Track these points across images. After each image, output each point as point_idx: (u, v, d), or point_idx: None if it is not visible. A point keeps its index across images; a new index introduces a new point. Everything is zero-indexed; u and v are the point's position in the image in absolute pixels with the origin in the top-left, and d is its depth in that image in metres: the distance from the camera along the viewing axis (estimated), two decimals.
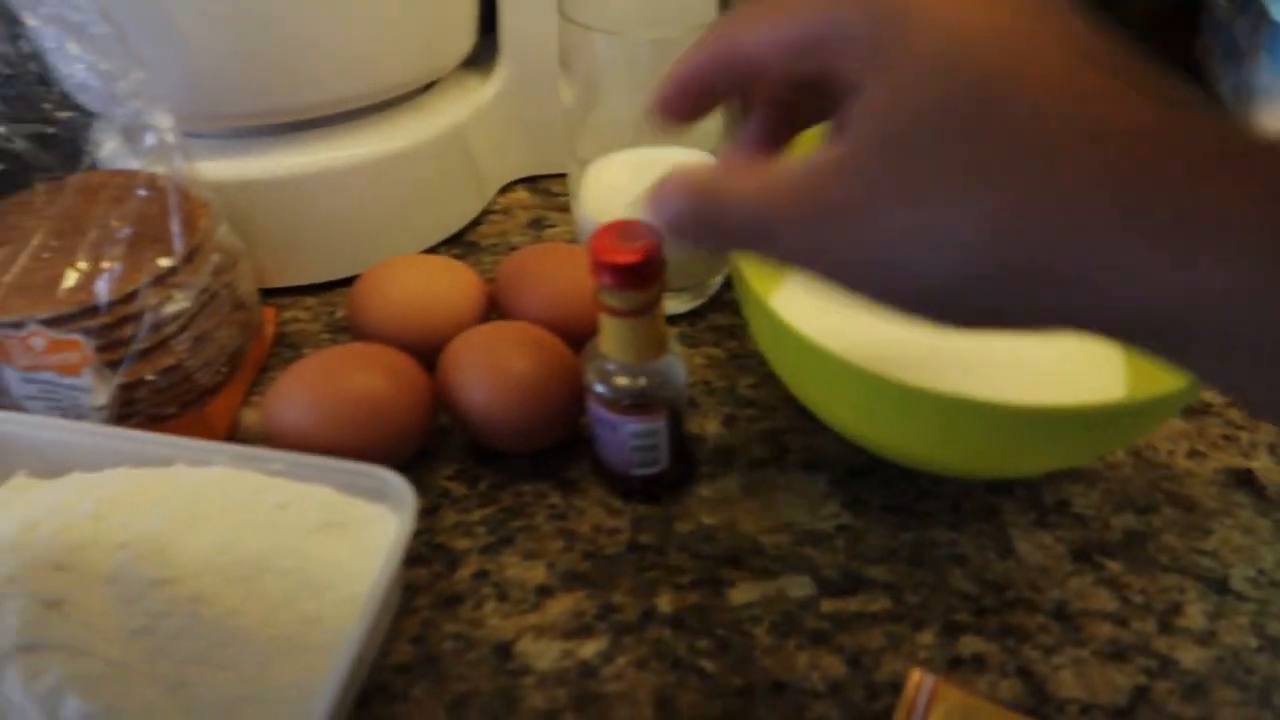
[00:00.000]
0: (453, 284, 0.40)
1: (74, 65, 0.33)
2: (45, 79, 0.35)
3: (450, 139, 0.47)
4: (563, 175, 0.54)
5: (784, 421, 0.39)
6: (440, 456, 0.38)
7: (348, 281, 0.47)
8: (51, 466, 0.34)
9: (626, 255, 0.29)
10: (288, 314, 0.46)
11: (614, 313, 0.30)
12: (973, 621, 0.32)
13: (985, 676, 0.30)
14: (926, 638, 0.31)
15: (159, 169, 0.35)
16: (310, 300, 0.46)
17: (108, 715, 0.25)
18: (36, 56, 0.36)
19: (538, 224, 0.51)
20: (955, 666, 0.30)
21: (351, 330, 0.40)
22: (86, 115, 0.38)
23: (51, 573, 0.27)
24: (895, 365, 0.29)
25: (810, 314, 0.35)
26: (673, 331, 0.34)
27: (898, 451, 0.33)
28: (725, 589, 0.33)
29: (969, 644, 0.31)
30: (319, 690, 0.27)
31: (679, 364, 0.33)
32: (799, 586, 0.33)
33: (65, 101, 0.36)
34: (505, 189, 0.54)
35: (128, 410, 0.36)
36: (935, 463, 0.33)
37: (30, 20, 0.32)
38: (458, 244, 0.50)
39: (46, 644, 0.26)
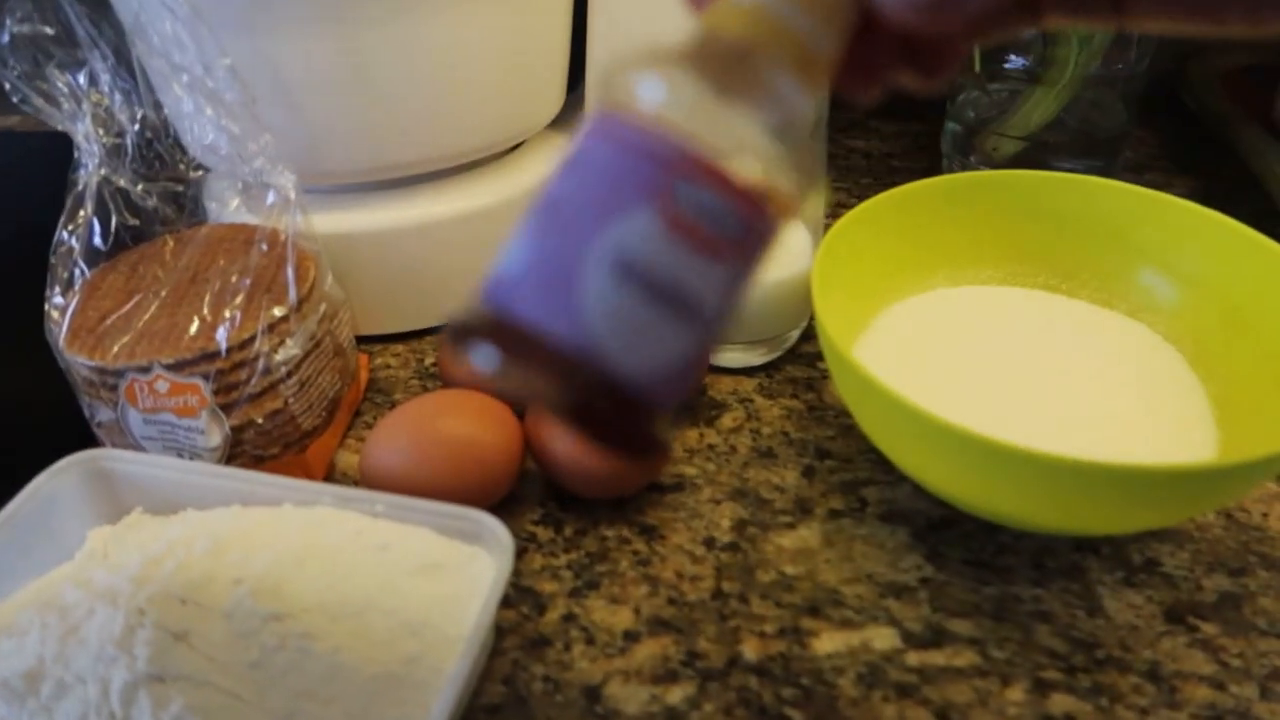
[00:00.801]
0: None
1: (207, 129, 0.36)
2: (179, 142, 0.38)
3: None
4: None
5: (863, 474, 0.40)
6: (525, 501, 0.39)
7: (435, 330, 0.49)
8: (166, 504, 0.36)
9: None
10: (378, 360, 0.48)
11: None
12: (1063, 679, 0.31)
13: None
14: (1015, 694, 0.31)
15: (277, 223, 0.38)
16: (399, 348, 0.49)
17: None
18: (169, 122, 0.39)
19: None
20: None
21: (442, 377, 0.42)
22: (211, 174, 0.41)
23: (176, 605, 0.29)
24: (981, 419, 0.30)
25: (891, 365, 0.36)
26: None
27: (981, 506, 0.34)
28: (808, 638, 0.33)
29: (1060, 702, 0.31)
30: None
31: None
32: (883, 638, 0.33)
33: (193, 163, 0.39)
34: None
35: (235, 451, 0.38)
36: (1020, 518, 0.34)
37: (174, 88, 0.34)
38: None
39: (172, 674, 0.27)
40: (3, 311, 0.56)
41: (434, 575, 0.32)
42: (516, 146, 0.51)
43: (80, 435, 0.39)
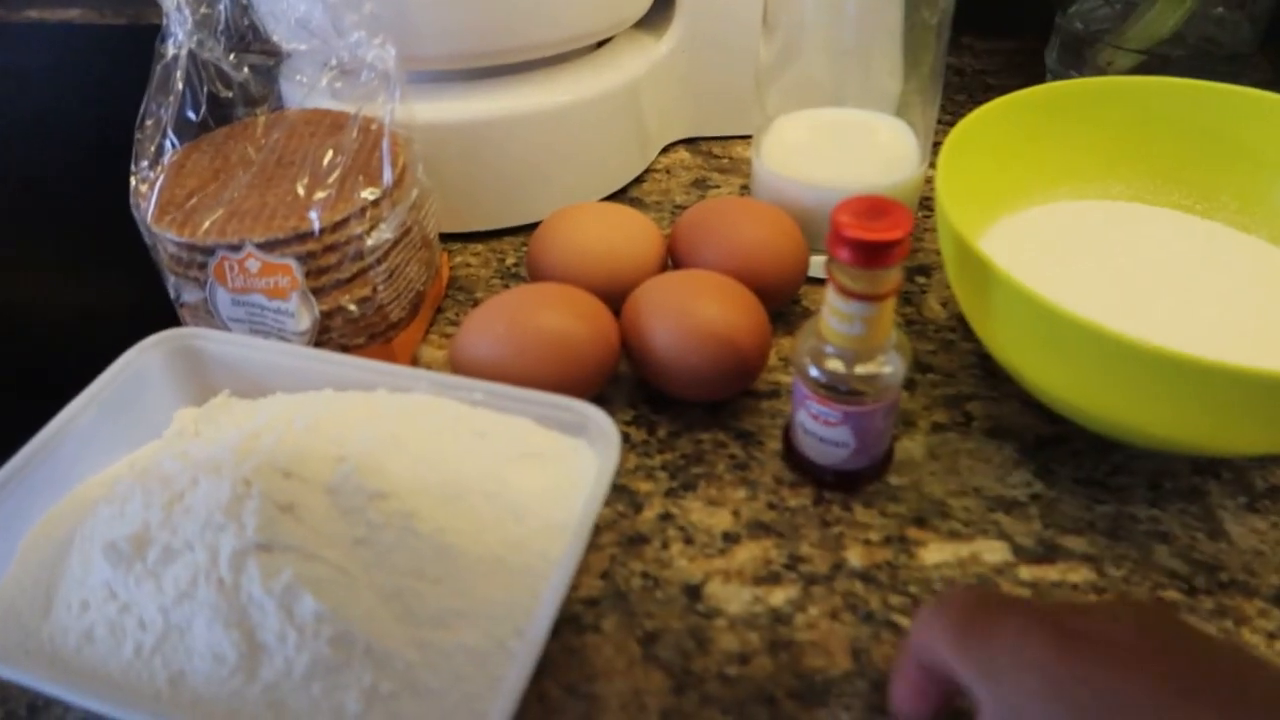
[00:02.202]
0: (636, 232, 0.40)
1: (300, 1, 0.34)
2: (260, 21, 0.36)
3: (623, 94, 0.47)
4: (722, 138, 0.54)
5: (966, 388, 0.38)
6: (614, 401, 0.38)
7: (514, 230, 0.48)
8: (254, 386, 0.35)
9: (876, 232, 0.27)
10: (458, 259, 0.46)
11: (847, 294, 0.29)
12: (1185, 600, 0.30)
13: None
14: None
15: (371, 103, 0.36)
16: (478, 247, 0.47)
17: (336, 616, 0.26)
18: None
19: (701, 184, 0.51)
20: None
21: (531, 274, 0.40)
22: (293, 56, 0.39)
23: (280, 478, 0.28)
24: (1109, 316, 0.28)
25: (1018, 262, 0.34)
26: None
27: (1105, 414, 0.32)
28: (915, 548, 0.32)
29: None
30: (525, 609, 0.27)
31: (900, 358, 0.31)
32: (993, 551, 0.32)
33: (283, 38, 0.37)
34: (666, 149, 0.54)
35: (322, 338, 0.38)
36: (1147, 430, 0.32)
37: None
38: (622, 200, 0.50)
39: (280, 545, 0.27)
40: (82, 193, 0.55)
41: (535, 464, 0.31)
42: (602, 44, 0.49)
43: (162, 316, 0.38)
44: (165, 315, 0.39)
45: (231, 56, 0.35)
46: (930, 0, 0.37)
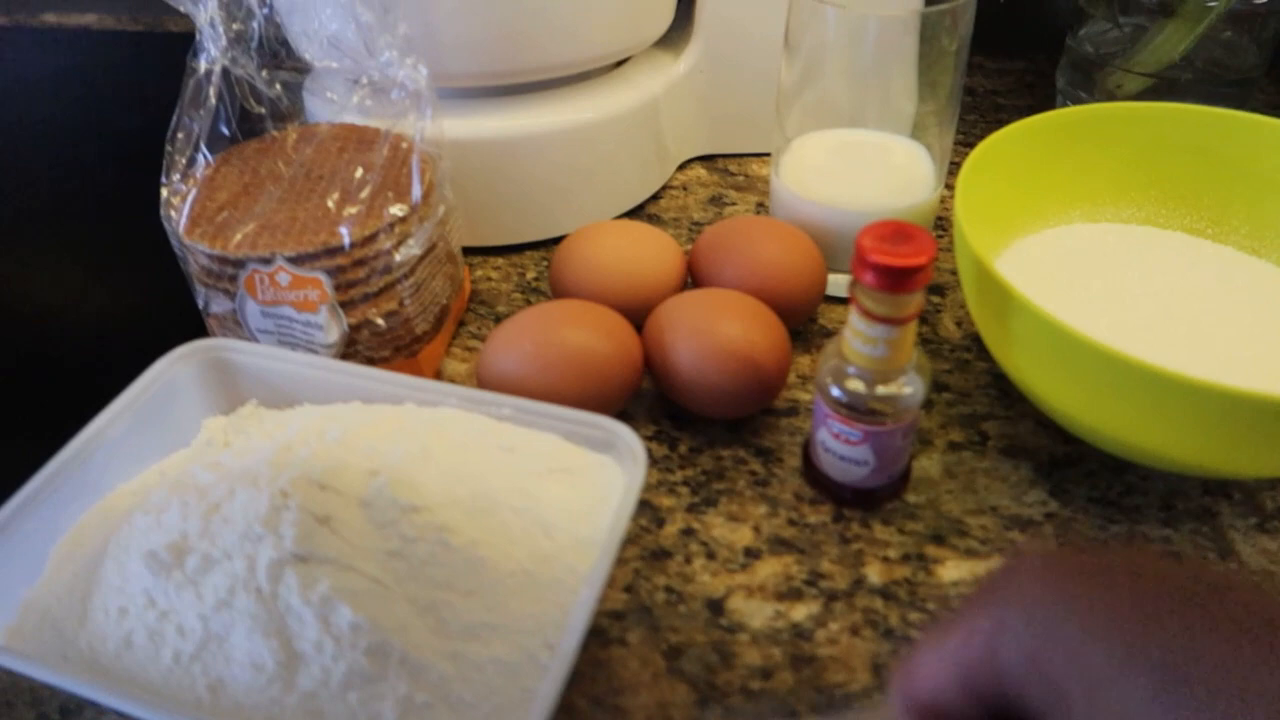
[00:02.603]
0: (657, 250, 0.40)
1: (332, 19, 0.35)
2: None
3: (642, 112, 0.48)
4: (738, 155, 0.55)
5: (981, 408, 0.39)
6: (636, 417, 0.39)
7: (534, 245, 0.49)
8: (282, 397, 0.36)
9: (900, 258, 0.28)
10: (479, 272, 0.47)
11: (871, 317, 0.30)
12: None
13: None
14: None
15: (401, 120, 0.37)
16: (499, 260, 0.48)
17: (373, 627, 0.26)
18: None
19: (718, 200, 0.52)
20: None
21: (554, 290, 0.41)
22: (318, 71, 0.40)
23: (316, 490, 0.29)
24: (1123, 340, 0.29)
25: (1026, 289, 0.35)
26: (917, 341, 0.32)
27: (1118, 436, 0.33)
28: (933, 565, 0.33)
29: None
30: (555, 623, 0.28)
31: (920, 379, 0.32)
32: None
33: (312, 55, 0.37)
34: (683, 166, 0.54)
35: (349, 351, 0.38)
36: (1158, 452, 0.33)
37: None
38: (640, 216, 0.51)
39: (318, 556, 0.27)
40: (117, 204, 0.56)
41: (563, 480, 0.32)
42: (621, 64, 0.50)
43: (190, 325, 0.39)
44: (189, 321, 0.40)
45: (264, 73, 0.36)
46: (950, 28, 0.38)
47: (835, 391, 0.32)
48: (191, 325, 0.40)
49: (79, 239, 0.54)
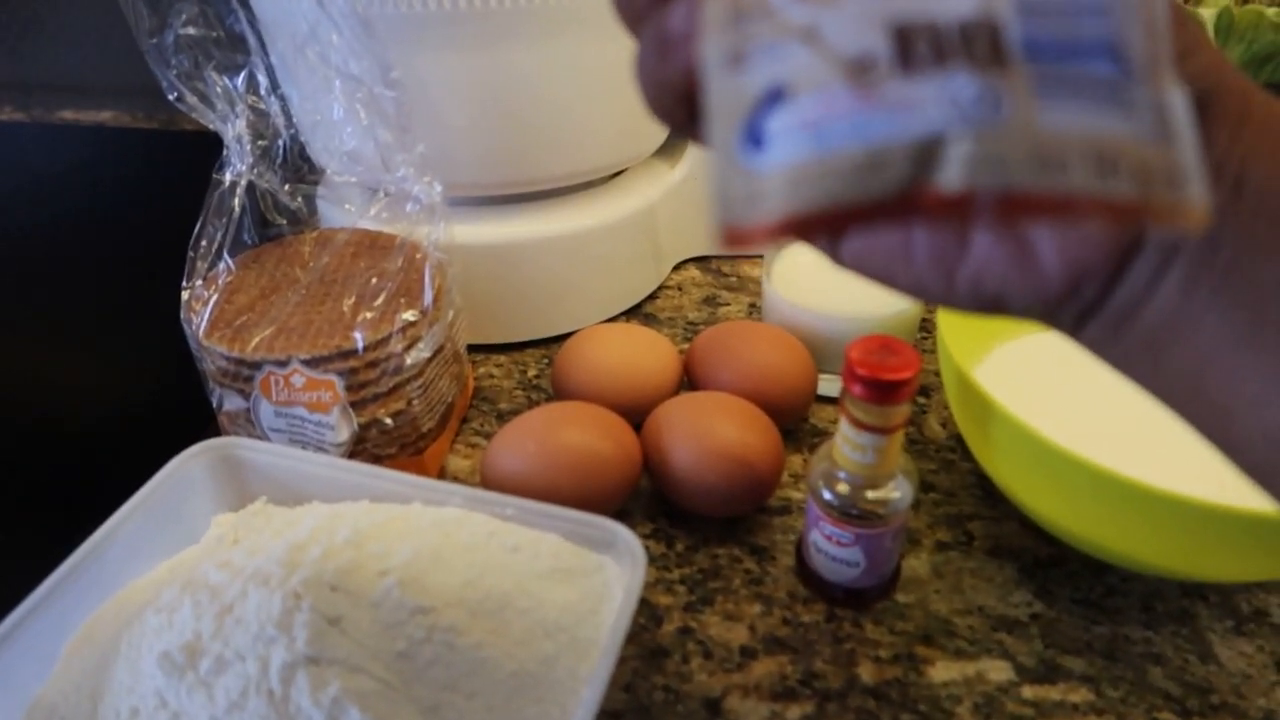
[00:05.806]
0: (654, 353, 0.42)
1: (351, 136, 0.37)
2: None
3: (639, 218, 0.51)
4: (731, 257, 0.57)
5: (967, 508, 0.40)
6: (634, 515, 0.40)
7: (536, 343, 0.50)
8: (291, 495, 0.37)
9: (887, 372, 0.30)
10: (481, 370, 0.49)
11: (860, 426, 0.31)
12: None
13: None
14: None
15: (415, 230, 0.39)
16: (501, 358, 0.50)
17: None
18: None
19: (711, 300, 0.54)
20: None
21: (556, 389, 0.43)
22: (333, 181, 0.42)
23: (328, 592, 0.30)
24: (1100, 449, 0.30)
25: (1007, 397, 0.37)
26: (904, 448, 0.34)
27: (1098, 542, 0.34)
28: (924, 666, 0.34)
29: None
30: None
31: (908, 483, 0.34)
32: (998, 670, 0.34)
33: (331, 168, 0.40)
34: (678, 266, 0.57)
35: (357, 449, 0.39)
36: (1137, 558, 0.34)
37: (328, 95, 0.36)
38: (636, 316, 0.53)
39: (328, 658, 0.28)
40: (128, 299, 0.57)
41: (564, 580, 0.33)
42: (620, 173, 0.53)
43: (199, 417, 0.40)
44: (199, 414, 0.41)
45: (286, 187, 0.38)
46: None
47: (826, 495, 0.33)
48: (201, 417, 0.42)
49: (91, 332, 0.56)
